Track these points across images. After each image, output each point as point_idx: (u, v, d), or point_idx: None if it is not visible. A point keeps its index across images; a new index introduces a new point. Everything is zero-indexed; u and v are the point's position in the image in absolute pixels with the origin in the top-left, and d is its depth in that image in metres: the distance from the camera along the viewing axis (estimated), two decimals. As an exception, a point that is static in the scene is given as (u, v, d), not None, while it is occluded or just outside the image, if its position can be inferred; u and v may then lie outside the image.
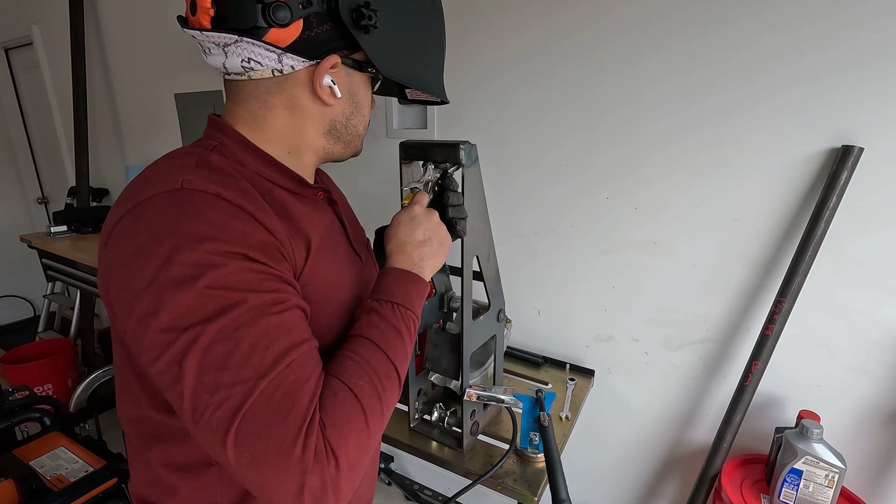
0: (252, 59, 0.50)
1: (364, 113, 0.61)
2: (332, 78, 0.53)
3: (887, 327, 0.99)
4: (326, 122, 0.57)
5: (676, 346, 1.23)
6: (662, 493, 1.39)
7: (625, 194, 1.20)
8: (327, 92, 0.54)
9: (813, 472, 0.95)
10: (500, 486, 0.93)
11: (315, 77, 0.53)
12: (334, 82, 0.54)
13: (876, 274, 0.98)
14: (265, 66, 0.51)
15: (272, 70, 0.51)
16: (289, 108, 0.55)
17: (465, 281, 0.87)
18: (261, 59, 0.50)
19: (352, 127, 0.60)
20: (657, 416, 1.32)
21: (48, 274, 2.09)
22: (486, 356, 1.03)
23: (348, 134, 0.60)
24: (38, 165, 3.21)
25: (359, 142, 0.64)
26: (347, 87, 0.57)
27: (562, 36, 1.18)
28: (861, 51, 0.90)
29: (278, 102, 0.54)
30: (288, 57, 0.50)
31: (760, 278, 1.09)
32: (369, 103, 0.62)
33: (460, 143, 0.77)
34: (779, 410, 1.14)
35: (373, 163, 1.58)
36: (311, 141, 0.58)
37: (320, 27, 0.51)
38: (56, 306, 2.65)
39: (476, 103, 1.35)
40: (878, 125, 0.91)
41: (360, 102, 0.59)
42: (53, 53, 2.61)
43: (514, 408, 0.94)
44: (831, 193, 0.94)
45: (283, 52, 0.50)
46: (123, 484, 1.21)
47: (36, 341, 2.43)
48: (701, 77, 1.05)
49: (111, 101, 2.48)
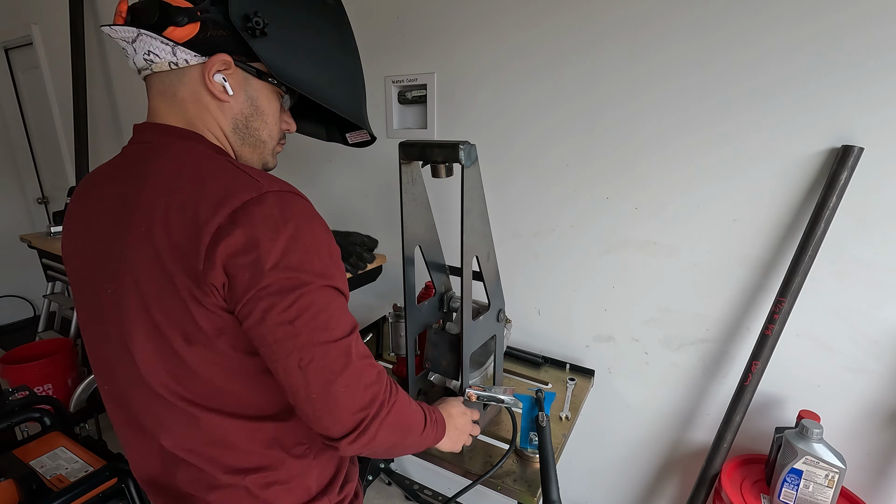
0: (151, 52, 0.57)
1: (267, 120, 0.66)
2: (224, 76, 0.60)
3: (887, 327, 0.99)
4: (228, 118, 0.63)
5: (676, 346, 1.23)
6: (662, 494, 1.39)
7: (625, 194, 1.20)
8: (219, 88, 0.60)
9: (813, 472, 0.95)
10: (499, 486, 0.93)
11: (206, 71, 0.58)
12: (226, 79, 0.60)
13: (876, 274, 0.98)
14: (162, 58, 0.57)
15: (168, 62, 0.58)
16: (194, 102, 0.61)
17: (464, 281, 0.87)
18: (159, 52, 0.57)
19: (253, 129, 0.65)
20: (657, 416, 1.32)
21: (48, 274, 2.09)
22: (486, 356, 1.03)
23: (251, 136, 0.66)
24: (38, 165, 3.21)
25: (265, 150, 0.69)
26: (244, 90, 0.63)
27: (562, 35, 1.18)
28: (860, 50, 0.90)
29: (186, 96, 0.60)
30: (181, 51, 0.57)
31: (760, 278, 1.09)
32: (275, 113, 0.67)
33: (460, 144, 0.78)
34: (779, 410, 1.14)
35: (374, 163, 1.58)
36: (223, 133, 0.64)
37: (216, 31, 0.58)
38: (56, 306, 2.65)
39: (476, 103, 1.35)
40: (878, 125, 0.91)
41: (260, 108, 0.65)
42: (53, 53, 2.61)
43: (514, 408, 0.94)
44: (831, 193, 0.94)
45: (177, 46, 0.57)
46: (123, 484, 1.20)
47: (36, 341, 2.43)
48: (700, 76, 1.05)
49: (111, 101, 2.48)
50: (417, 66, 1.43)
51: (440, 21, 1.34)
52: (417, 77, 1.43)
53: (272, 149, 0.70)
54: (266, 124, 0.66)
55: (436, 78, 1.40)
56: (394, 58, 1.46)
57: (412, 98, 1.48)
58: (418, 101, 1.47)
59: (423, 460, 1.01)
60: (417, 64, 1.43)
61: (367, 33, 1.49)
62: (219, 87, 0.60)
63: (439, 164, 0.83)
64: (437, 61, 1.39)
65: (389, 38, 1.45)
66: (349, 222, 1.68)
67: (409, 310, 0.99)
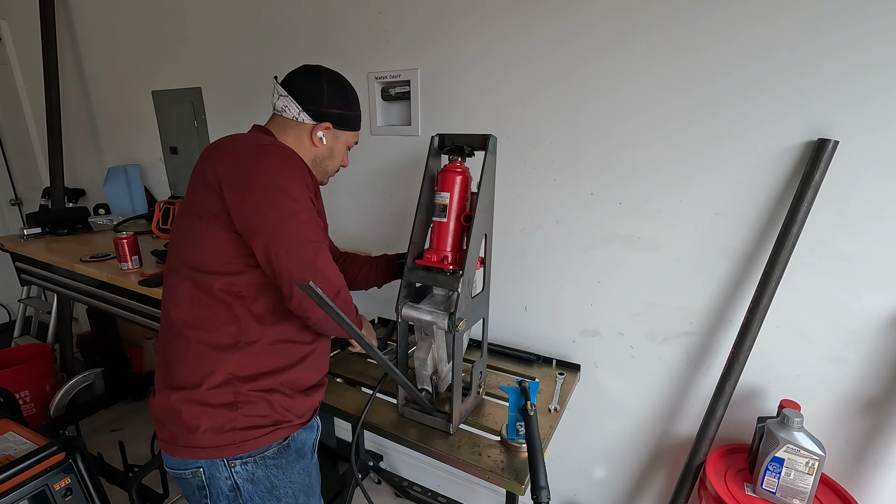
0: (286, 108, 0.96)
1: (336, 162, 1.06)
2: (322, 133, 0.99)
3: (864, 317, 1.01)
4: (311, 156, 1.01)
5: (661, 339, 1.25)
6: (649, 485, 1.41)
7: (608, 189, 1.21)
8: (317, 139, 0.99)
9: (794, 459, 0.97)
10: (487, 475, 0.93)
11: (313, 130, 0.98)
12: (323, 136, 0.99)
13: (853, 265, 1.00)
14: (290, 113, 0.97)
15: (293, 116, 0.96)
16: (295, 139, 0.99)
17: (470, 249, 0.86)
18: (292, 109, 0.96)
19: (322, 166, 1.04)
20: (643, 409, 1.34)
21: (22, 278, 2.03)
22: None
23: (318, 169, 1.03)
24: (10, 165, 3.11)
25: (325, 178, 1.07)
26: (330, 143, 1.02)
27: (544, 27, 1.18)
28: (837, 45, 0.91)
29: (291, 133, 0.98)
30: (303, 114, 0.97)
31: (742, 271, 1.11)
32: (342, 155, 1.07)
33: (489, 136, 0.97)
34: (761, 401, 1.16)
35: (358, 161, 1.56)
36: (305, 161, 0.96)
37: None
38: (32, 311, 2.58)
39: (460, 99, 1.35)
40: (852, 119, 0.93)
41: (334, 154, 1.05)
42: (24, 49, 2.53)
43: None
44: (807, 186, 0.96)
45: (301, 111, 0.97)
46: (71, 458, 1.25)
47: (12, 347, 2.36)
48: (680, 72, 1.05)
49: (86, 99, 2.41)
50: (400, 62, 1.41)
51: (423, 16, 1.33)
52: (401, 73, 1.41)
53: (331, 174, 1.08)
54: (334, 164, 1.07)
55: (419, 74, 1.38)
56: (376, 54, 1.44)
57: (395, 94, 1.46)
58: (402, 98, 1.46)
59: (411, 449, 1.01)
60: (400, 60, 1.41)
61: (348, 29, 1.47)
62: (317, 139, 0.99)
63: (465, 151, 1.00)
64: (420, 57, 1.38)
65: (372, 33, 1.43)
66: (334, 218, 1.67)
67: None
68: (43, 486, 1.18)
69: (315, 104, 0.96)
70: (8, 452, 1.28)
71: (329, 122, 0.98)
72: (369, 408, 1.08)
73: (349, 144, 1.07)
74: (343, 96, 1.00)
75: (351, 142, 1.07)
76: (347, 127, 1.02)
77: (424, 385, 1.08)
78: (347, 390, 1.23)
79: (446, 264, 0.96)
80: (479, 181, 0.95)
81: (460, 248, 1.00)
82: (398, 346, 1.07)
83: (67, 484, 1.23)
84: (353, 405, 1.15)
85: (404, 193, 1.55)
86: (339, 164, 1.07)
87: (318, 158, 1.01)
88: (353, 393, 1.21)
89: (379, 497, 1.85)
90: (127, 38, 2.12)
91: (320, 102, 0.96)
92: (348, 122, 1.02)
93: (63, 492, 1.22)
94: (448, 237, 0.98)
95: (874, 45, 0.88)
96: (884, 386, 1.03)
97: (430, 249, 0.99)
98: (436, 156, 1.03)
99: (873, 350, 1.02)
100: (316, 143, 0.98)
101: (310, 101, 0.96)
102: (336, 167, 1.07)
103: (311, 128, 0.97)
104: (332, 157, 1.03)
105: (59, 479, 1.22)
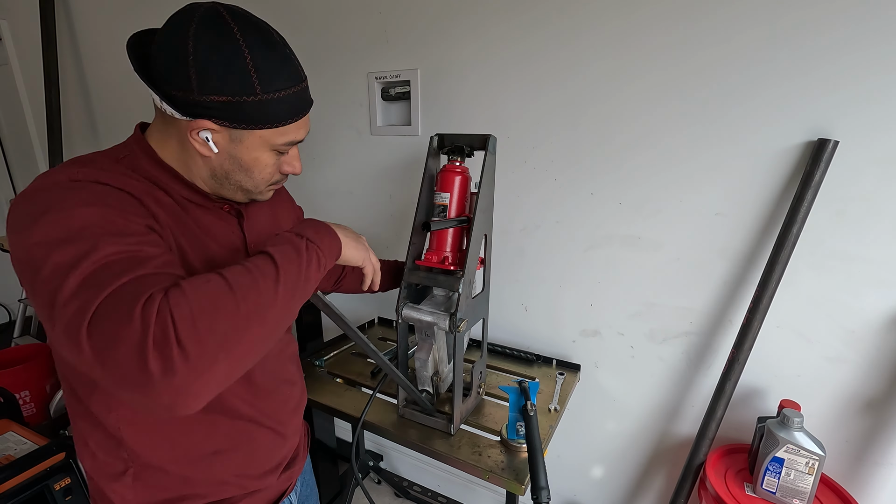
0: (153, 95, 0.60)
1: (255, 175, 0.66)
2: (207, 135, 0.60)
3: (864, 317, 1.01)
4: (205, 170, 0.65)
5: (661, 339, 1.25)
6: (649, 486, 1.41)
7: (609, 189, 1.21)
8: (199, 144, 0.61)
9: (794, 459, 0.97)
10: (487, 475, 0.93)
11: (189, 130, 0.60)
12: (210, 138, 0.60)
13: (853, 265, 1.00)
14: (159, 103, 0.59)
15: (161, 106, 0.60)
16: (179, 144, 0.63)
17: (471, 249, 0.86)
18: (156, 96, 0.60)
19: (232, 180, 0.66)
20: (643, 409, 1.34)
21: (23, 277, 2.03)
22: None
23: (230, 185, 0.66)
24: (9, 164, 3.10)
25: (245, 196, 0.70)
26: (227, 149, 0.63)
27: (546, 27, 1.18)
28: (837, 46, 0.91)
29: (173, 135, 0.63)
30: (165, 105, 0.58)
31: (742, 271, 1.11)
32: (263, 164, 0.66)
33: (489, 136, 0.95)
34: (761, 400, 1.16)
35: (358, 161, 1.56)
36: (201, 175, 0.66)
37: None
38: (32, 311, 2.58)
39: (461, 99, 1.35)
40: (852, 119, 0.93)
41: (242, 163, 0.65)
42: (23, 48, 2.52)
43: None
44: (807, 187, 0.96)
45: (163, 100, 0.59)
46: (71, 458, 1.26)
47: (11, 347, 2.36)
48: (680, 73, 1.05)
49: (85, 97, 2.41)
50: (401, 62, 1.41)
51: (423, 16, 1.33)
52: (401, 73, 1.41)
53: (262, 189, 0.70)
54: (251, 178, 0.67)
55: (419, 74, 1.38)
56: (376, 54, 1.44)
57: (395, 94, 1.46)
58: (402, 98, 1.46)
59: (411, 449, 1.01)
60: (400, 60, 1.41)
61: (348, 29, 1.47)
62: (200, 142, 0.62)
63: (464, 151, 0.98)
64: (420, 57, 1.38)
65: (372, 33, 1.43)
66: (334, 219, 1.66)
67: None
68: (43, 487, 1.18)
69: (181, 88, 0.56)
70: (8, 452, 1.29)
71: (210, 118, 0.58)
72: (369, 408, 1.09)
73: (274, 145, 0.64)
74: (233, 66, 0.56)
75: (279, 140, 0.63)
76: (255, 122, 0.60)
77: (425, 386, 1.08)
78: (347, 390, 1.23)
79: (447, 265, 0.96)
80: (479, 181, 0.95)
81: (460, 248, 1.00)
82: (398, 346, 1.07)
83: (67, 484, 1.23)
84: (353, 405, 1.15)
85: (405, 193, 1.55)
86: (267, 175, 0.67)
87: (217, 173, 0.64)
88: (353, 393, 1.21)
89: (379, 497, 1.84)
90: (126, 36, 2.12)
91: (187, 85, 0.56)
92: (254, 113, 0.59)
93: (63, 492, 1.22)
94: (448, 237, 0.98)
95: (874, 46, 0.89)
96: (884, 386, 1.03)
97: (431, 250, 0.99)
98: (435, 156, 1.02)
99: (873, 350, 1.02)
100: (200, 150, 0.61)
101: (172, 81, 0.57)
102: (263, 180, 0.67)
103: (186, 126, 0.59)
104: (239, 168, 0.64)
105: (59, 479, 1.22)
